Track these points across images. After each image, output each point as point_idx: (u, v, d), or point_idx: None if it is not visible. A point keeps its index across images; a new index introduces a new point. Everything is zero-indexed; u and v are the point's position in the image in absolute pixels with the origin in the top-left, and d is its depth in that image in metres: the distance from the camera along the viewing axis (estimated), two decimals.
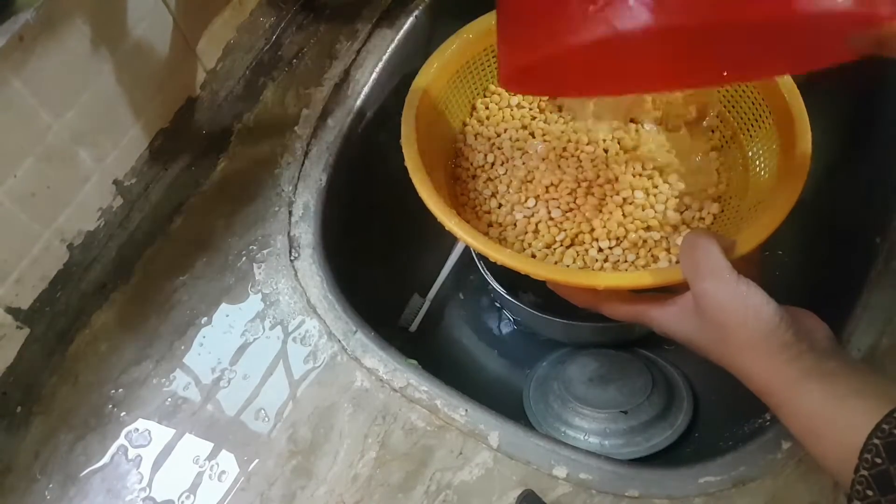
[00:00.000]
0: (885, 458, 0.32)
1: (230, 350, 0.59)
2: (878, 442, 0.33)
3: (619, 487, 0.51)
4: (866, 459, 0.33)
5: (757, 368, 0.40)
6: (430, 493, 0.51)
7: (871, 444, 0.33)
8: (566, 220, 0.55)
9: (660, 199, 0.56)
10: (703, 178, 0.57)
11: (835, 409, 0.37)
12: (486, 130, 0.62)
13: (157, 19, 0.57)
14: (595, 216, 0.55)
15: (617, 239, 0.54)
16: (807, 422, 0.38)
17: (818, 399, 0.37)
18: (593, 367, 0.69)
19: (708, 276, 0.41)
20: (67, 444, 0.56)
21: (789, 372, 0.39)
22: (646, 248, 0.54)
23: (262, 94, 0.71)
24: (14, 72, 0.46)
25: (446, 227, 0.50)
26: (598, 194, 0.56)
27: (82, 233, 0.57)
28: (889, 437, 0.33)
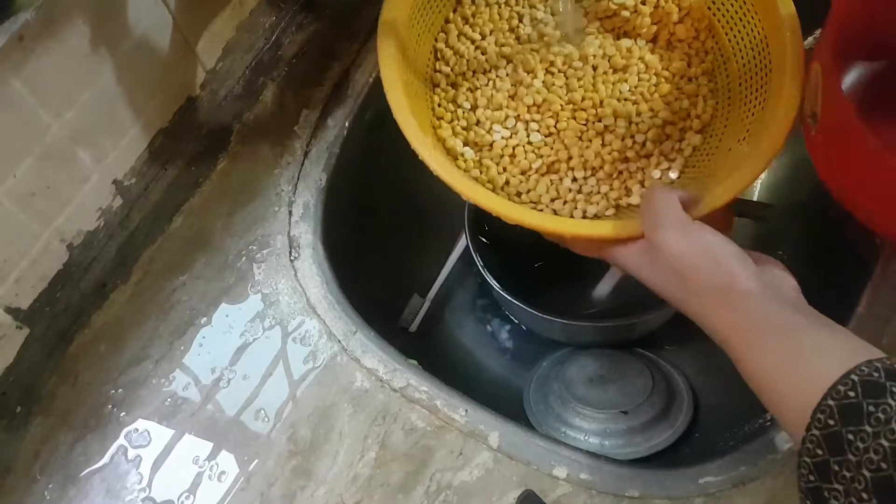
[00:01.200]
0: (837, 420, 0.32)
1: (230, 350, 0.59)
2: (833, 403, 0.32)
3: (619, 488, 0.51)
4: (819, 419, 0.33)
5: (717, 317, 0.39)
6: (430, 493, 0.51)
7: (825, 405, 0.33)
8: (544, 146, 0.54)
9: (641, 129, 0.54)
10: (689, 103, 0.56)
11: (795, 365, 0.36)
12: (470, 31, 0.58)
13: (157, 19, 0.57)
14: (574, 143, 0.54)
15: (593, 169, 0.53)
16: (766, 377, 0.37)
17: (780, 352, 0.37)
18: (593, 368, 0.69)
19: (664, 226, 0.41)
20: (67, 445, 0.55)
21: (751, 323, 0.38)
22: (620, 179, 0.53)
23: (261, 93, 0.71)
24: (14, 71, 0.46)
25: (420, 156, 0.49)
26: (580, 119, 0.55)
27: (82, 233, 0.57)
28: (844, 398, 0.32)
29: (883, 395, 0.31)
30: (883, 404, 0.31)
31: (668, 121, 0.55)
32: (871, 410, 0.31)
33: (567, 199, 0.53)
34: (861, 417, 0.31)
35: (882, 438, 0.30)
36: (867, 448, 0.30)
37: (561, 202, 0.53)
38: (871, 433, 0.31)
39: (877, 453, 0.30)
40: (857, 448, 0.31)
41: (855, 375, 0.32)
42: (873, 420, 0.31)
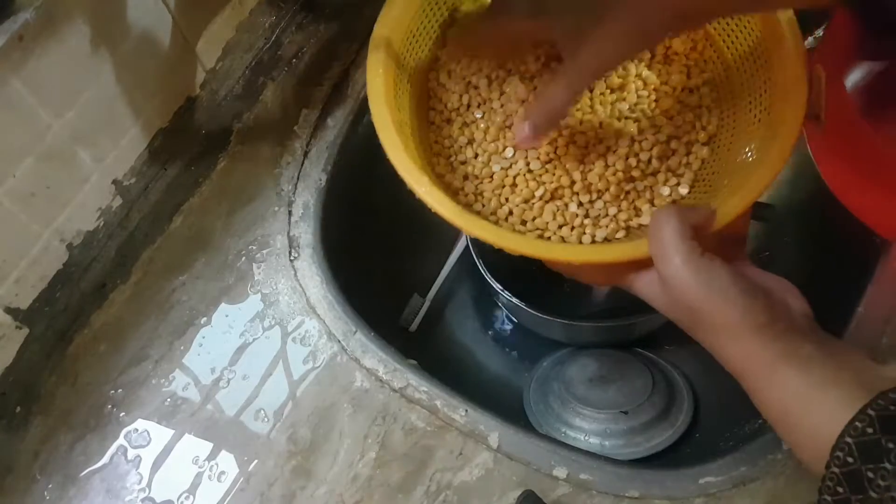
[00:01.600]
0: (856, 458, 0.32)
1: (230, 350, 0.59)
2: (851, 441, 0.32)
3: (619, 488, 0.51)
4: (838, 457, 0.33)
5: (730, 351, 0.39)
6: (430, 493, 0.51)
7: (844, 443, 0.32)
8: (545, 173, 0.52)
9: (644, 147, 0.53)
10: (693, 116, 0.55)
11: (810, 399, 0.36)
12: (460, 68, 0.57)
13: (157, 19, 0.57)
14: (576, 168, 0.52)
15: (598, 192, 0.52)
16: (781, 409, 0.37)
17: (793, 386, 0.36)
18: (593, 368, 0.69)
19: (671, 260, 0.40)
20: (67, 445, 0.55)
21: (764, 356, 0.38)
22: (628, 200, 0.52)
23: (261, 93, 0.71)
24: (14, 71, 0.46)
25: (417, 194, 0.48)
26: (580, 142, 0.53)
27: (82, 233, 0.57)
28: (862, 434, 0.32)
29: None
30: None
31: (673, 135, 0.54)
32: (890, 447, 0.31)
33: (574, 225, 0.52)
34: (880, 454, 0.31)
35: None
36: (888, 486, 0.30)
37: (568, 228, 0.52)
38: (892, 471, 0.30)
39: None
40: (878, 486, 0.31)
41: (872, 410, 0.32)
42: (893, 457, 0.31)
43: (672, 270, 0.39)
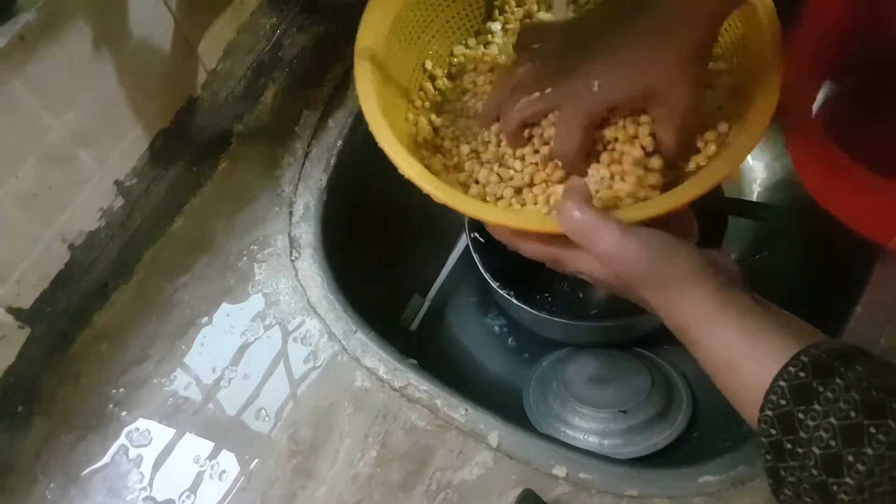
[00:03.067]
0: (789, 401, 0.33)
1: (231, 350, 0.59)
2: (784, 384, 0.34)
3: (618, 487, 0.51)
4: (771, 401, 0.34)
5: (674, 305, 0.40)
6: (430, 492, 0.52)
7: (777, 387, 0.34)
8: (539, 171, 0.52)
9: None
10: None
11: (748, 346, 0.37)
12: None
13: (159, 20, 0.57)
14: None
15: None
16: (721, 357, 0.38)
17: (734, 334, 0.37)
18: (593, 367, 0.69)
19: (601, 237, 0.40)
20: (68, 444, 0.56)
21: (706, 306, 0.39)
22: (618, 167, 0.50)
23: (262, 94, 0.71)
24: (15, 72, 0.46)
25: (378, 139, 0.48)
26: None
27: (83, 233, 0.57)
28: (795, 379, 0.33)
29: (831, 375, 0.33)
30: (831, 384, 0.32)
31: None
32: (821, 390, 0.32)
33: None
34: (811, 397, 0.33)
35: (831, 417, 0.31)
36: (817, 426, 0.32)
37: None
38: (821, 412, 0.32)
39: (826, 431, 0.31)
40: (808, 426, 0.32)
41: (805, 356, 0.34)
42: (822, 399, 0.32)
43: (606, 246, 0.40)
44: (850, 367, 0.33)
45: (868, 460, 0.30)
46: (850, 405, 0.31)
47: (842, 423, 0.31)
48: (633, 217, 0.42)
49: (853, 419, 0.31)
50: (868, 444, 0.30)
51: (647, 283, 0.40)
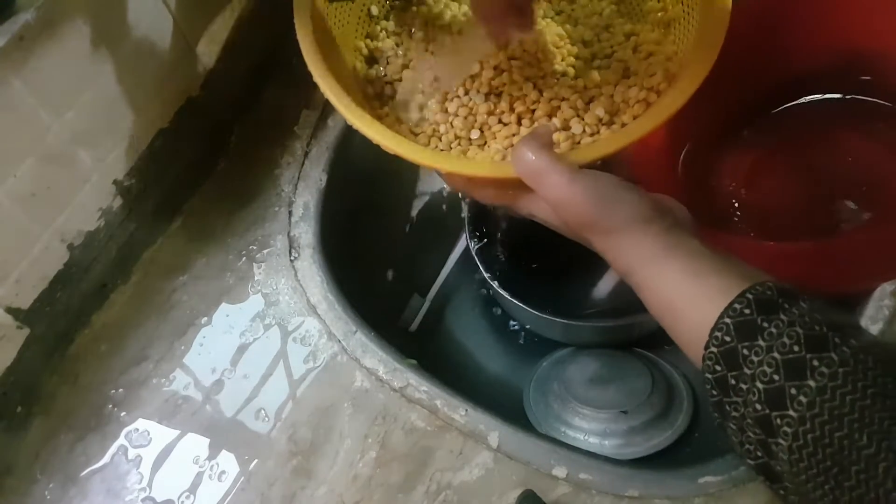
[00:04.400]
0: (734, 337, 0.33)
1: (230, 350, 0.59)
2: (729, 321, 0.34)
3: (618, 487, 0.51)
4: (717, 337, 0.34)
5: (623, 249, 0.40)
6: (430, 493, 0.52)
7: (723, 323, 0.34)
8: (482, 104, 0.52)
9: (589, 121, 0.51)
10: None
11: (693, 286, 0.37)
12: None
13: (158, 19, 0.57)
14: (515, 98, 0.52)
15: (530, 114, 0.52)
16: (667, 298, 0.38)
17: (679, 275, 0.38)
18: (593, 368, 0.69)
19: (552, 184, 0.40)
20: (67, 445, 0.56)
21: (653, 247, 0.39)
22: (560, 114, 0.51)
23: (261, 94, 0.71)
24: (14, 72, 0.46)
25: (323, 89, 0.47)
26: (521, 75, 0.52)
27: (82, 233, 0.57)
28: (740, 315, 0.34)
29: (775, 312, 0.33)
30: (775, 320, 0.33)
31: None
32: (765, 326, 0.33)
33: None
34: (755, 333, 0.33)
35: (774, 352, 0.32)
36: (761, 361, 0.32)
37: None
38: (765, 347, 0.32)
39: (770, 366, 0.32)
40: (752, 362, 0.33)
41: (750, 294, 0.34)
42: (766, 335, 0.33)
43: (557, 193, 0.40)
44: (794, 304, 0.33)
45: (810, 392, 0.30)
46: (794, 339, 0.32)
47: (785, 358, 0.32)
48: (584, 157, 0.42)
49: (796, 353, 0.31)
50: (810, 377, 0.31)
51: (593, 228, 0.40)
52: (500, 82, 0.52)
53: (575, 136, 0.49)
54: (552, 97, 0.51)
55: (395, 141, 0.45)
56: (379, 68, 0.56)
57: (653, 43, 0.53)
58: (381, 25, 0.58)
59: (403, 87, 0.54)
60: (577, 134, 0.49)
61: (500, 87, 0.52)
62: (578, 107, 0.50)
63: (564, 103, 0.51)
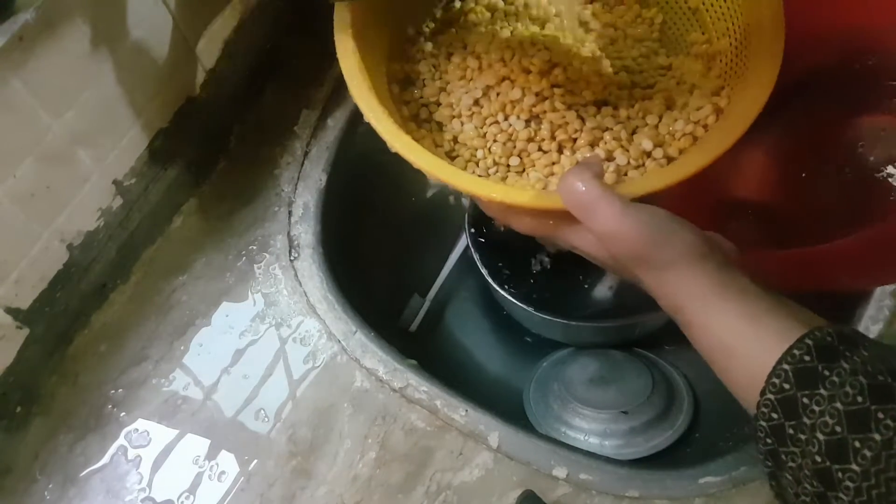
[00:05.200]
0: (793, 384, 0.32)
1: (230, 350, 0.59)
2: (788, 368, 0.33)
3: (619, 488, 0.51)
4: (774, 384, 0.33)
5: (672, 287, 0.39)
6: (430, 493, 0.51)
7: (781, 370, 0.33)
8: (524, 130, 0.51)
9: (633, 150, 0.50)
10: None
11: (747, 328, 0.36)
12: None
13: (157, 19, 0.57)
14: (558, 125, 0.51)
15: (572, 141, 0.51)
16: (718, 339, 0.37)
17: (734, 315, 0.36)
18: (594, 368, 0.69)
19: (603, 215, 0.38)
20: (67, 445, 0.55)
21: (704, 284, 0.38)
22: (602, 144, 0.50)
23: (261, 94, 0.71)
24: (14, 72, 0.46)
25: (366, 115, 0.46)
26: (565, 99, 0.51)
27: (82, 233, 0.57)
28: (800, 362, 0.33)
29: (836, 359, 0.32)
30: (837, 368, 0.32)
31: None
32: (826, 374, 0.32)
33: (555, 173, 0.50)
34: (816, 381, 0.32)
35: (837, 402, 0.31)
36: (822, 412, 0.31)
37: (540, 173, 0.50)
38: (827, 396, 0.31)
39: (832, 416, 0.31)
40: (812, 411, 0.32)
41: (810, 339, 0.33)
42: (828, 384, 0.31)
43: (608, 225, 0.39)
44: (855, 351, 0.32)
45: (875, 446, 0.29)
46: (857, 389, 0.30)
47: (848, 409, 0.30)
48: (635, 191, 0.41)
49: (860, 404, 0.30)
50: (875, 430, 0.29)
51: (644, 263, 0.39)
52: (541, 109, 0.51)
53: (620, 168, 0.48)
54: (595, 126, 0.50)
55: (438, 165, 0.44)
56: (415, 91, 0.55)
57: (696, 75, 0.52)
58: (418, 47, 0.57)
59: (441, 111, 0.54)
60: (621, 165, 0.48)
61: (541, 113, 0.51)
62: (622, 137, 0.49)
63: (608, 133, 0.50)
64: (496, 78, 0.52)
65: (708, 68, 0.52)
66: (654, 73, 0.54)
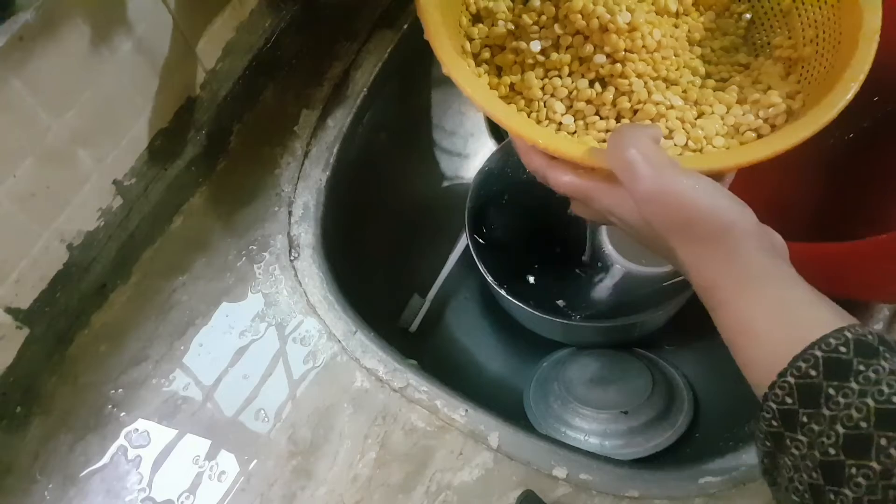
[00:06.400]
0: (820, 372, 0.31)
1: (230, 350, 0.59)
2: (819, 355, 0.31)
3: (619, 488, 0.51)
4: (798, 367, 0.32)
5: (709, 262, 0.37)
6: (430, 493, 0.51)
7: (810, 355, 0.31)
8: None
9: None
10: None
11: (783, 315, 0.34)
12: None
13: (157, 19, 0.56)
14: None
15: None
16: (747, 323, 0.35)
17: (769, 302, 0.35)
18: (594, 368, 0.69)
19: (656, 174, 0.36)
20: (67, 445, 0.55)
21: (749, 264, 0.36)
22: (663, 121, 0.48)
23: (261, 94, 0.71)
24: (14, 72, 0.46)
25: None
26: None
27: (82, 233, 0.57)
28: (834, 352, 0.31)
29: (875, 357, 0.31)
30: (875, 365, 0.30)
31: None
32: (861, 369, 0.31)
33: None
34: (848, 373, 0.31)
35: (868, 398, 0.30)
36: (849, 405, 0.30)
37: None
38: (857, 391, 0.30)
39: (859, 411, 0.30)
40: (837, 403, 0.30)
41: (849, 332, 0.32)
42: (861, 378, 0.30)
43: (651, 185, 0.36)
44: (895, 354, 0.31)
45: None
46: (894, 390, 0.29)
47: (881, 406, 0.29)
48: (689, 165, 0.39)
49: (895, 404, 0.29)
50: None
51: (683, 233, 0.37)
52: (608, 72, 0.49)
53: (677, 148, 0.46)
54: (660, 101, 0.48)
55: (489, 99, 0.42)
56: (483, 28, 0.52)
57: (775, 77, 0.50)
58: None
59: (504, 55, 0.51)
60: (678, 145, 0.46)
61: (607, 76, 0.49)
62: (686, 118, 0.48)
63: (672, 111, 0.48)
64: (571, 30, 0.50)
65: (787, 73, 0.51)
66: (731, 68, 0.53)
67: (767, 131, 0.46)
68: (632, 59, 0.49)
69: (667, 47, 0.51)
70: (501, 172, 0.75)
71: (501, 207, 0.75)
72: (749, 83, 0.51)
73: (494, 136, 0.90)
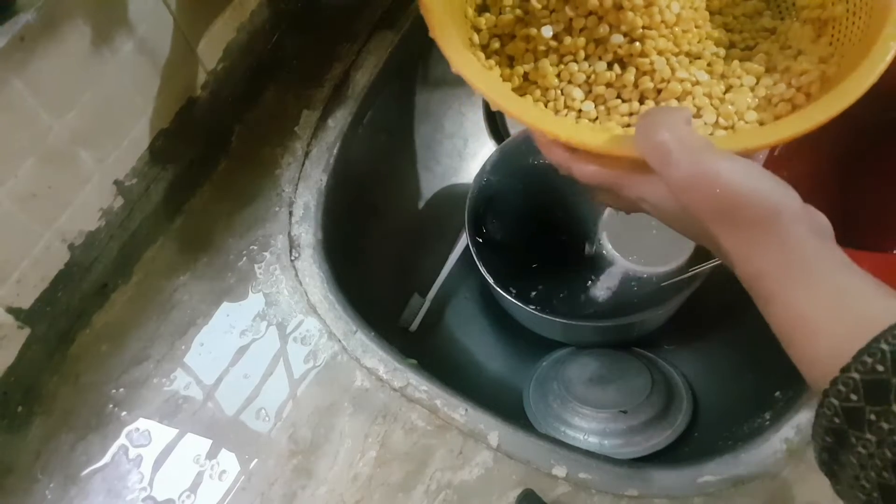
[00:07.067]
0: (888, 368, 0.28)
1: (231, 349, 0.59)
2: (887, 349, 0.28)
3: (618, 487, 0.51)
4: (864, 363, 0.29)
5: (757, 251, 0.34)
6: (430, 492, 0.52)
7: (877, 349, 0.29)
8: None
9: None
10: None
11: (840, 304, 0.32)
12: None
13: (158, 20, 0.57)
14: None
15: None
16: (801, 314, 0.33)
17: (824, 291, 0.32)
18: (593, 368, 0.69)
19: (685, 160, 0.34)
20: (68, 444, 0.56)
21: (798, 249, 0.33)
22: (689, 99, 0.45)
23: (262, 94, 0.71)
24: (15, 72, 0.46)
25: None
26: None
27: (83, 233, 0.57)
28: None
29: None
30: None
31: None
32: None
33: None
34: None
35: None
36: None
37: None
38: None
39: None
40: None
41: None
42: None
43: (690, 170, 0.34)
44: None
45: None
46: None
47: None
48: (724, 146, 0.36)
49: None
50: None
51: (726, 220, 0.34)
52: (627, 52, 0.45)
53: (707, 127, 0.43)
54: (685, 78, 0.45)
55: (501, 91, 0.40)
56: (491, 17, 0.49)
57: (805, 41, 0.46)
58: None
59: (515, 44, 0.48)
60: (709, 124, 0.43)
61: (626, 56, 0.46)
62: (714, 94, 0.44)
63: (698, 88, 0.44)
64: (584, 10, 0.47)
65: (818, 35, 0.47)
66: (756, 34, 0.49)
67: (802, 101, 0.43)
68: (651, 36, 0.45)
69: (687, 19, 0.47)
70: (501, 173, 0.75)
71: (501, 207, 0.76)
72: (777, 49, 0.47)
73: (494, 137, 0.90)
